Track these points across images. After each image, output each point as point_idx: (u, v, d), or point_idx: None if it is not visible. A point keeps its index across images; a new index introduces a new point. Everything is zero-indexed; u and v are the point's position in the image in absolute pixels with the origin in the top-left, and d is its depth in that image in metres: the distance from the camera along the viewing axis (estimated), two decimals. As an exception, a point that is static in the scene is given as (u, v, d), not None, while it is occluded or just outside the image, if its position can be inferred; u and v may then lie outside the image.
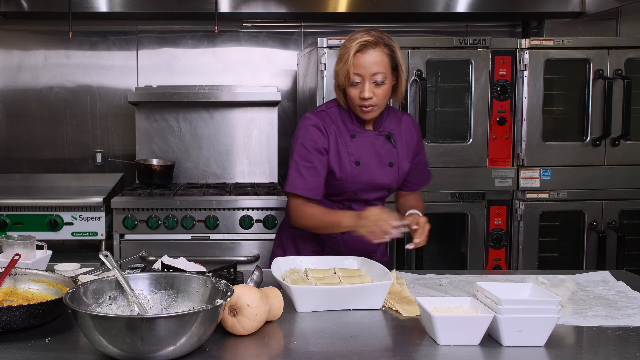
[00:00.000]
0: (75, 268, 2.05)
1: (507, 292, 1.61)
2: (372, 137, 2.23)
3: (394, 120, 2.28)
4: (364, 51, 2.08)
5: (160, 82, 4.01)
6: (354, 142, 2.22)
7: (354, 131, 2.22)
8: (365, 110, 2.14)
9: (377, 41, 2.09)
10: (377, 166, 2.23)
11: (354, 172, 2.20)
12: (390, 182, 2.26)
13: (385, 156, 2.24)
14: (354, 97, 2.12)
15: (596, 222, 3.31)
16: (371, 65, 2.08)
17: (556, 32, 3.86)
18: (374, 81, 2.09)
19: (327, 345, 1.50)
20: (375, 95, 2.10)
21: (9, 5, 3.74)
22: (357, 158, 2.21)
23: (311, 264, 1.99)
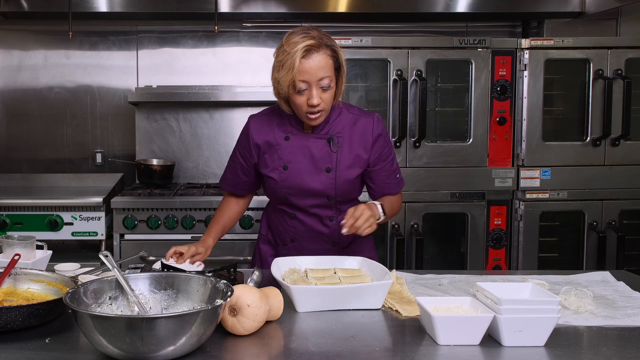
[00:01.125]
0: (75, 268, 2.05)
1: (507, 292, 1.61)
2: (308, 140, 2.13)
3: (348, 122, 2.14)
4: (309, 56, 1.95)
5: (160, 82, 4.01)
6: (287, 144, 2.14)
7: (289, 133, 2.14)
8: (313, 117, 2.03)
9: (320, 43, 1.96)
10: (309, 171, 2.12)
11: (282, 177, 2.14)
12: (324, 188, 2.13)
13: (321, 160, 2.12)
14: (301, 104, 2.01)
15: (596, 222, 3.31)
16: (317, 70, 1.95)
17: (556, 32, 3.86)
18: (320, 86, 1.98)
19: (327, 345, 1.50)
20: (323, 100, 2.00)
21: (9, 5, 3.74)
22: (286, 162, 2.13)
23: (311, 264, 1.99)
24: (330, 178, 2.12)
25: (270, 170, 2.16)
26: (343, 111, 2.16)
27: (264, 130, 2.17)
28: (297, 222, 2.22)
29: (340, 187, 2.14)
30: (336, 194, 2.15)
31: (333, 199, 2.17)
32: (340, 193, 2.16)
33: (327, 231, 2.21)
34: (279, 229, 2.28)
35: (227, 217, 2.31)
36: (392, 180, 2.22)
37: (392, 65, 3.20)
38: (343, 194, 2.17)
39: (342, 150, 2.13)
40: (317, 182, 2.13)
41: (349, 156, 2.13)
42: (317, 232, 2.22)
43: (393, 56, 3.20)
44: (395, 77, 3.20)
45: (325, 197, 2.16)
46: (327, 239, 2.23)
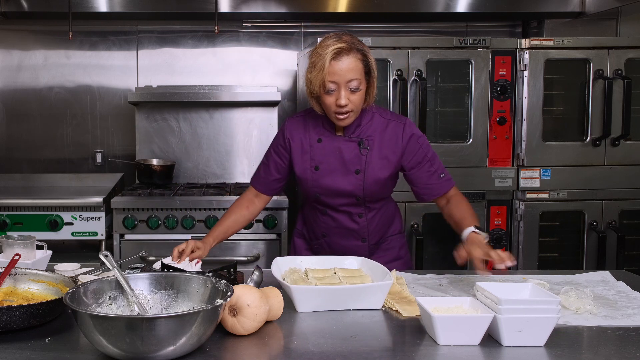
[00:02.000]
0: (75, 268, 2.05)
1: (507, 292, 1.61)
2: (339, 143, 2.21)
3: (379, 126, 2.22)
4: (338, 58, 2.04)
5: (160, 82, 4.01)
6: (320, 146, 2.23)
7: (322, 135, 2.23)
8: (341, 117, 2.12)
9: (351, 47, 2.06)
10: (339, 172, 2.20)
11: (314, 177, 2.23)
12: (353, 189, 2.21)
13: (351, 162, 2.20)
14: (330, 104, 2.10)
15: (596, 222, 3.31)
16: (346, 72, 2.05)
17: (556, 32, 3.86)
18: (349, 88, 2.07)
19: (327, 345, 1.50)
20: (351, 101, 2.08)
21: (9, 5, 3.74)
22: (317, 163, 2.22)
23: (311, 264, 2.00)
24: (359, 179, 2.20)
25: (303, 171, 2.25)
26: (375, 115, 2.23)
27: (299, 130, 2.27)
28: (328, 218, 2.30)
29: (369, 189, 2.21)
30: (364, 194, 2.22)
31: (361, 199, 2.24)
32: (368, 194, 2.23)
33: (357, 227, 2.29)
34: (312, 224, 2.37)
35: (232, 221, 2.34)
36: (435, 181, 2.24)
37: (392, 65, 3.20)
38: (371, 195, 2.24)
39: (372, 153, 2.20)
40: (347, 183, 2.21)
41: (378, 159, 2.20)
42: (347, 229, 2.29)
43: (393, 56, 3.20)
44: (395, 77, 3.20)
45: (354, 197, 2.23)
46: (356, 235, 2.30)
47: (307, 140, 2.24)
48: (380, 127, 2.21)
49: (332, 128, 2.23)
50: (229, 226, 2.32)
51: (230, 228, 2.32)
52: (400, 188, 3.23)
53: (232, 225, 2.32)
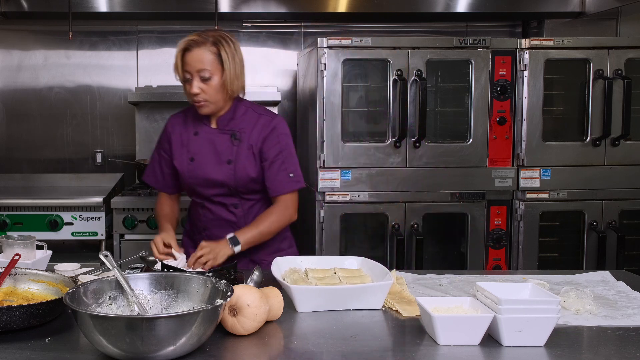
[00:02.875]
0: (75, 268, 2.05)
1: (507, 292, 1.61)
2: (214, 135, 2.34)
3: (251, 120, 2.35)
4: (189, 50, 2.24)
5: (160, 82, 4.00)
6: (196, 139, 2.35)
7: (198, 129, 2.36)
8: (198, 105, 2.27)
9: (204, 40, 2.24)
10: (212, 163, 2.31)
11: (189, 168, 2.34)
12: (225, 179, 2.31)
13: (223, 153, 2.31)
14: (188, 92, 2.27)
15: (596, 222, 3.31)
16: (195, 62, 2.22)
17: (556, 32, 3.86)
18: (201, 77, 2.22)
19: (327, 345, 1.50)
20: (204, 90, 2.23)
21: (9, 5, 3.74)
22: (192, 155, 2.34)
23: (311, 264, 2.00)
24: (230, 169, 2.30)
25: (180, 163, 2.36)
26: (249, 110, 2.38)
27: (179, 126, 2.41)
28: (206, 211, 2.38)
29: (240, 179, 2.31)
30: (236, 184, 2.31)
31: (234, 189, 2.32)
32: (240, 184, 2.32)
33: (234, 219, 2.37)
34: (194, 219, 2.46)
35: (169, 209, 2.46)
36: (283, 178, 2.33)
37: (392, 65, 3.20)
38: (243, 185, 2.32)
39: (243, 144, 2.32)
40: (219, 173, 2.31)
41: (247, 150, 2.32)
42: (225, 220, 2.37)
43: (393, 56, 3.19)
44: (395, 77, 3.20)
45: (226, 187, 2.32)
46: (234, 226, 2.35)
47: (186, 134, 2.37)
48: (252, 121, 2.34)
49: (208, 121, 2.36)
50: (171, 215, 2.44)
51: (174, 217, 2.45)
52: (401, 188, 3.25)
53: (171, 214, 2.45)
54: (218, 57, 2.24)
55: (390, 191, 3.25)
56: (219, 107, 2.31)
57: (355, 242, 3.40)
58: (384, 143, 3.23)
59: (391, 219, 3.25)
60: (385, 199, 3.24)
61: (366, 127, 3.37)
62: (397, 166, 3.23)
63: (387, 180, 3.23)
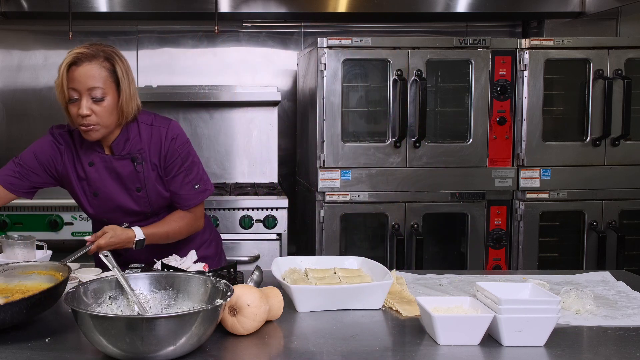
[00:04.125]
0: (75, 268, 2.05)
1: (507, 292, 1.61)
2: (112, 162, 2.07)
3: (146, 135, 2.08)
4: (79, 64, 1.94)
5: (160, 82, 4.00)
6: (93, 170, 2.07)
7: (91, 158, 2.07)
8: (86, 129, 1.96)
9: (95, 54, 1.97)
10: (121, 193, 2.08)
11: (95, 203, 2.10)
12: (142, 208, 2.11)
13: (130, 181, 2.08)
14: (74, 115, 1.96)
15: (596, 222, 3.31)
16: (86, 79, 1.93)
17: (556, 32, 3.86)
18: (92, 97, 1.94)
19: (327, 345, 1.50)
20: (95, 113, 1.94)
21: (9, 5, 3.73)
22: (95, 189, 2.08)
23: (311, 264, 2.00)
24: (143, 196, 2.09)
25: (82, 199, 2.10)
26: (141, 125, 2.10)
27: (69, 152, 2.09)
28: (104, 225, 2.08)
29: (156, 203, 2.12)
30: (152, 209, 2.12)
31: (151, 213, 2.14)
32: (157, 208, 2.13)
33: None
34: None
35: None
36: (188, 191, 2.12)
37: (392, 65, 3.20)
38: (160, 208, 2.14)
39: (147, 166, 2.08)
40: (132, 202, 2.10)
41: (153, 172, 2.09)
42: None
43: (393, 56, 3.19)
44: (395, 77, 3.20)
45: (142, 214, 2.13)
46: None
47: (79, 165, 2.08)
48: (147, 135, 2.08)
49: (100, 148, 2.07)
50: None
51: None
52: (401, 188, 3.25)
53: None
54: (112, 75, 1.98)
55: (390, 191, 3.25)
56: (110, 131, 2.02)
57: (355, 242, 3.40)
58: (384, 143, 3.23)
59: (391, 219, 3.25)
60: (385, 199, 3.24)
61: (366, 127, 3.37)
62: (397, 166, 3.23)
63: (387, 180, 3.23)
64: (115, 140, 2.06)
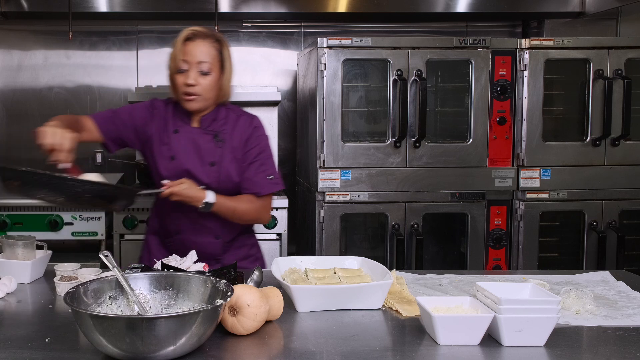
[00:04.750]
0: (75, 268, 2.05)
1: (507, 292, 1.61)
2: (195, 134, 2.23)
3: (231, 121, 2.26)
4: (193, 40, 2.15)
5: (160, 82, 4.00)
6: (176, 137, 2.23)
7: (177, 127, 2.24)
8: (188, 98, 2.15)
9: (208, 34, 2.17)
10: (195, 163, 2.20)
11: (170, 167, 2.21)
12: (210, 181, 2.19)
13: (207, 154, 2.21)
14: (180, 84, 2.15)
15: (596, 222, 3.31)
16: (199, 53, 2.13)
17: (556, 32, 3.86)
18: (199, 70, 2.14)
19: (327, 345, 1.50)
20: (200, 84, 2.14)
21: (9, 5, 3.74)
22: (174, 153, 2.21)
23: (311, 264, 2.00)
24: (215, 172, 2.21)
25: (159, 160, 2.23)
26: (230, 112, 2.29)
27: (159, 118, 2.26)
28: (180, 215, 2.23)
29: (224, 182, 2.21)
30: (219, 187, 2.19)
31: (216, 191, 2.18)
32: (223, 187, 2.20)
33: (212, 224, 2.24)
34: (166, 220, 2.30)
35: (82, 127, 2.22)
36: (261, 179, 2.24)
37: (392, 65, 3.20)
38: (226, 189, 2.21)
39: (226, 146, 2.23)
40: (202, 174, 2.20)
41: (230, 152, 2.23)
42: (201, 225, 2.24)
43: (393, 56, 3.20)
44: (395, 77, 3.20)
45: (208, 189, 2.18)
46: (210, 231, 2.25)
47: (165, 131, 2.24)
48: (233, 122, 2.26)
49: (189, 120, 2.25)
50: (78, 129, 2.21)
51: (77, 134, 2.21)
52: (401, 188, 3.25)
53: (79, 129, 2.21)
54: (219, 55, 2.18)
55: (390, 191, 3.25)
56: (206, 106, 2.21)
57: (355, 242, 3.40)
58: (384, 143, 3.23)
59: (391, 219, 3.25)
60: (385, 199, 3.24)
61: (366, 127, 3.37)
62: (397, 166, 3.23)
63: (387, 180, 3.23)
64: (205, 116, 2.24)
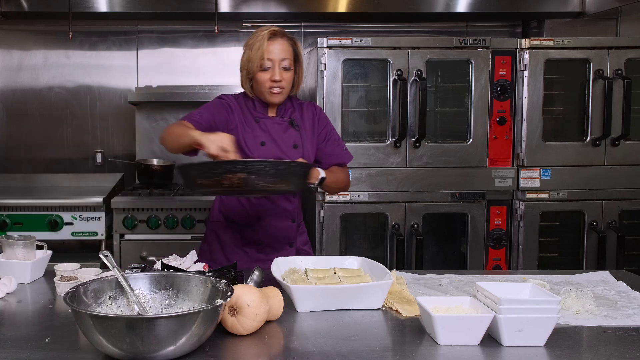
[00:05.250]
0: (75, 268, 2.05)
1: (507, 292, 1.61)
2: (275, 123, 2.37)
3: (297, 109, 2.42)
4: (275, 39, 2.28)
5: (160, 82, 4.01)
6: (259, 126, 2.36)
7: (258, 117, 2.37)
8: (275, 92, 2.29)
9: (283, 32, 2.32)
10: (283, 147, 2.35)
11: (261, 152, 2.32)
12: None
13: (289, 139, 2.36)
14: (264, 81, 2.28)
15: (596, 222, 3.31)
16: (280, 51, 2.27)
17: (556, 32, 3.86)
18: (282, 66, 2.28)
19: (327, 345, 1.50)
20: (284, 79, 2.29)
21: (9, 5, 3.74)
22: (262, 139, 2.34)
23: (311, 264, 1.99)
24: (299, 153, 2.35)
25: (251, 147, 2.32)
26: (294, 101, 2.45)
27: (238, 110, 2.38)
28: (264, 200, 2.35)
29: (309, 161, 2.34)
30: None
31: None
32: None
33: (291, 207, 2.40)
34: (245, 208, 2.37)
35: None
36: (340, 151, 2.47)
37: (392, 65, 3.20)
38: None
39: (301, 130, 2.39)
40: (291, 156, 2.34)
41: (307, 135, 2.40)
42: (282, 208, 2.38)
43: (393, 56, 3.20)
44: (395, 77, 3.20)
45: None
46: (289, 215, 2.40)
47: (246, 121, 2.36)
48: (299, 109, 2.42)
49: (265, 111, 2.38)
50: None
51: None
52: (401, 188, 3.25)
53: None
54: (294, 51, 2.32)
55: (390, 191, 3.25)
56: (285, 97, 2.36)
57: (355, 242, 3.40)
58: (384, 143, 3.23)
59: (391, 219, 3.25)
60: (385, 199, 3.24)
61: (366, 127, 3.37)
62: (397, 166, 3.23)
63: (387, 180, 3.23)
64: (280, 106, 2.39)
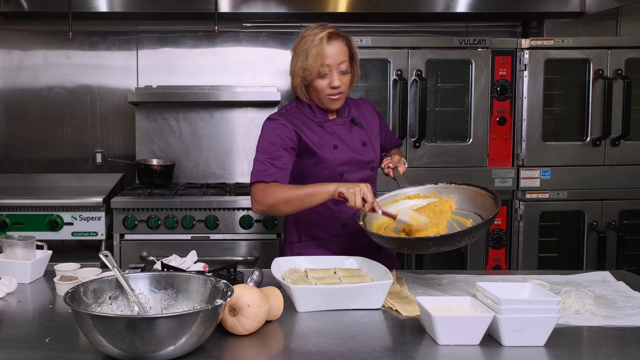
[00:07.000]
0: (75, 268, 2.05)
1: (507, 292, 1.61)
2: (338, 124, 2.27)
3: (353, 106, 2.34)
4: (331, 42, 2.12)
5: (160, 82, 4.00)
6: (324, 130, 2.24)
7: (320, 122, 2.24)
8: (334, 98, 2.18)
9: (338, 33, 2.16)
10: (353, 146, 2.25)
11: (334, 155, 2.20)
12: (370, 159, 2.27)
13: (357, 137, 2.27)
14: (323, 88, 2.16)
15: (596, 222, 3.31)
16: (337, 55, 2.13)
17: (556, 32, 3.86)
18: (340, 70, 2.14)
19: (327, 345, 1.50)
20: (343, 83, 2.16)
21: (9, 5, 3.73)
22: (333, 142, 2.22)
23: (311, 264, 1.99)
24: (370, 149, 2.28)
25: (324, 152, 2.20)
26: (347, 100, 2.33)
27: (296, 122, 2.22)
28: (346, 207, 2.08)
29: (376, 155, 2.31)
30: (376, 160, 2.30)
31: (375, 170, 2.30)
32: (378, 160, 2.32)
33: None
34: (328, 220, 2.24)
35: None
36: (393, 136, 2.53)
37: (392, 65, 3.20)
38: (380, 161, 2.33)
39: (364, 127, 2.31)
40: (365, 154, 2.26)
41: (370, 130, 2.32)
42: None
43: (393, 56, 3.20)
44: (395, 77, 3.20)
45: (370, 167, 2.28)
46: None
47: (310, 127, 2.22)
48: (355, 107, 2.34)
49: (324, 115, 2.26)
50: None
51: None
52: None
53: None
54: (350, 50, 2.18)
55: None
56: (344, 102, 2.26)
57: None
58: (384, 143, 3.23)
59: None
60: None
61: (366, 127, 3.37)
62: (397, 166, 3.23)
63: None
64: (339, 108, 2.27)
